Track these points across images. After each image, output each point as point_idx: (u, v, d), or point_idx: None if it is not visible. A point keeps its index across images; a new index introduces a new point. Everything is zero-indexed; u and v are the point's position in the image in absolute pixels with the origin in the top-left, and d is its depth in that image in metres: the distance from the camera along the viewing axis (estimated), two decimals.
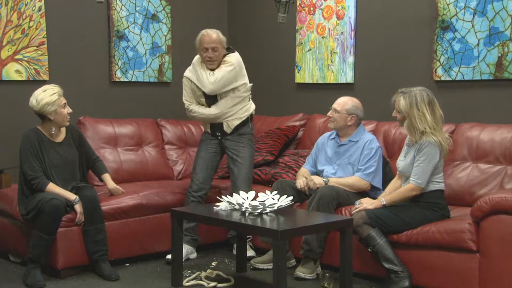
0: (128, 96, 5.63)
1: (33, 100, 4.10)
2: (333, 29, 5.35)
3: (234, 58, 4.46)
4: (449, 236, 3.63)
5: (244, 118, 4.52)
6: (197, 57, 4.52)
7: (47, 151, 4.15)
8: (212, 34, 4.40)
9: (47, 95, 4.09)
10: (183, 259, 4.23)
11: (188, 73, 4.53)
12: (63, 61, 5.23)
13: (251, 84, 4.58)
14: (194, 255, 4.62)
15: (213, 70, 4.42)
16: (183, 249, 4.43)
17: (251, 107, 4.60)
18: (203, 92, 4.44)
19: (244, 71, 4.52)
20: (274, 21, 5.15)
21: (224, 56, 4.46)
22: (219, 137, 4.54)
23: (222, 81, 4.37)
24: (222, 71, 4.39)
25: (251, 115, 4.61)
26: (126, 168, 5.07)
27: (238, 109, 4.49)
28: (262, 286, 4.05)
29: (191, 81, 4.48)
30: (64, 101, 4.16)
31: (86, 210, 4.11)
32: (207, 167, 4.56)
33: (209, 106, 4.47)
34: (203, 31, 4.44)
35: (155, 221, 4.57)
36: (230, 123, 4.49)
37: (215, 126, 4.54)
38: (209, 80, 4.37)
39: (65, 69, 5.22)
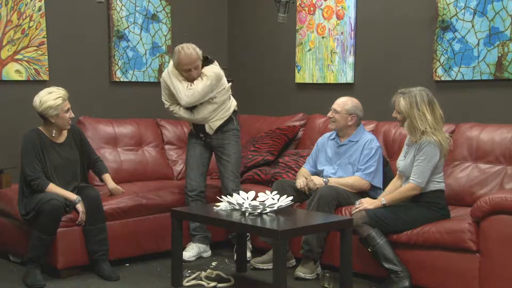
0: (128, 96, 5.63)
1: (36, 101, 4.06)
2: (333, 29, 5.35)
3: (211, 71, 4.37)
4: (449, 236, 3.63)
5: (226, 118, 4.52)
6: (172, 66, 4.40)
7: (48, 151, 4.15)
8: (191, 54, 4.28)
9: (51, 98, 4.05)
10: (196, 258, 4.38)
11: (166, 77, 4.41)
12: (63, 61, 5.22)
13: (230, 83, 4.57)
14: (208, 253, 4.61)
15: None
16: (196, 248, 4.50)
17: (232, 105, 4.58)
18: None
19: (223, 80, 4.46)
20: (274, 21, 5.15)
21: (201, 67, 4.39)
22: (202, 138, 4.56)
23: (199, 96, 4.33)
24: (199, 85, 4.31)
25: (235, 111, 4.60)
26: (126, 168, 5.07)
27: (219, 111, 4.49)
28: (262, 286, 4.05)
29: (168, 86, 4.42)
30: (68, 106, 4.12)
31: (89, 209, 4.11)
32: (198, 164, 4.58)
33: (189, 108, 4.45)
34: (180, 50, 4.29)
35: (155, 221, 4.57)
36: (212, 125, 4.49)
37: (198, 127, 4.55)
38: (186, 94, 4.31)
39: (65, 69, 5.22)
